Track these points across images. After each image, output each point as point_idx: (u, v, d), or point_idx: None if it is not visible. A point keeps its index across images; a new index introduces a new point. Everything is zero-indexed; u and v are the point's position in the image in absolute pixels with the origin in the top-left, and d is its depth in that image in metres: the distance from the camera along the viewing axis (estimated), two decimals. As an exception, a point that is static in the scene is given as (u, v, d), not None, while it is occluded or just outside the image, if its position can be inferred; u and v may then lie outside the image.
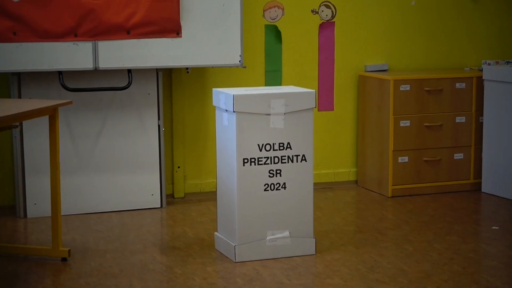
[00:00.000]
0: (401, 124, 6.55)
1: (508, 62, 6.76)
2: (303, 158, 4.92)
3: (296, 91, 5.07)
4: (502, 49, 7.28)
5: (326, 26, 6.91)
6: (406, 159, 6.63)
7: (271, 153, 4.83)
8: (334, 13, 6.86)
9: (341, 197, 6.75)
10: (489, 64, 6.73)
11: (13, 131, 5.83)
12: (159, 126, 6.20)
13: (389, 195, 6.63)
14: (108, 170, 6.14)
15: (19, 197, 5.98)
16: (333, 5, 6.83)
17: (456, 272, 4.68)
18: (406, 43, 7.15)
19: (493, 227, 5.74)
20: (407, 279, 4.50)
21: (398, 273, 4.61)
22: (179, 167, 6.55)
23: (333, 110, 7.03)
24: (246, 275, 4.62)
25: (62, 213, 4.98)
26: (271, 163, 4.85)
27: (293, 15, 6.73)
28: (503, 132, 6.38)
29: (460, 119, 6.71)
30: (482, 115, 6.69)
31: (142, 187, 6.22)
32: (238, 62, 6.17)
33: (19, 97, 5.83)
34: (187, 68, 6.29)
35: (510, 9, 7.23)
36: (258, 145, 4.79)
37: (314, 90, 4.99)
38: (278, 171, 4.87)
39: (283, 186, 4.92)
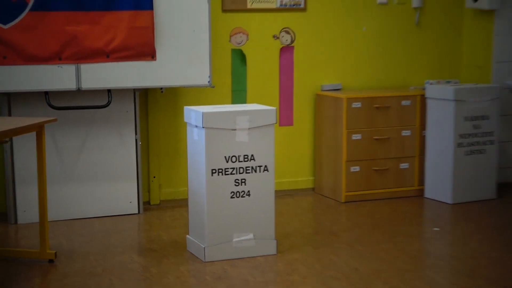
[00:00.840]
0: (353, 138, 6.62)
1: (448, 82, 6.86)
2: (265, 169, 5.01)
3: (259, 108, 5.15)
4: (443, 70, 7.34)
5: (286, 50, 6.93)
6: (357, 168, 6.67)
7: (237, 164, 4.91)
8: (293, 39, 6.89)
9: (299, 203, 6.78)
10: (431, 83, 6.85)
11: (4, 146, 5.87)
12: (136, 140, 6.25)
13: (343, 200, 6.65)
14: (90, 180, 6.17)
15: (10, 205, 6.01)
16: (292, 31, 6.86)
17: (402, 269, 4.77)
18: (358, 65, 7.17)
19: (434, 229, 5.89)
20: (358, 276, 4.62)
21: (351, 271, 4.71)
22: (154, 177, 6.59)
23: (292, 125, 7.04)
24: (215, 274, 4.70)
25: (49, 219, 5.03)
26: (236, 173, 4.92)
27: (256, 40, 6.77)
28: (443, 144, 6.51)
29: (405, 133, 6.79)
30: (424, 129, 6.77)
31: (121, 195, 6.25)
32: (207, 83, 6.18)
33: (9, 115, 5.87)
34: (161, 88, 6.28)
35: (449, 34, 7.29)
36: (225, 157, 4.86)
37: (275, 108, 5.07)
38: (243, 180, 4.94)
39: (248, 193, 4.98)
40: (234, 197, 4.95)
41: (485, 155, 6.56)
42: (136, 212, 6.29)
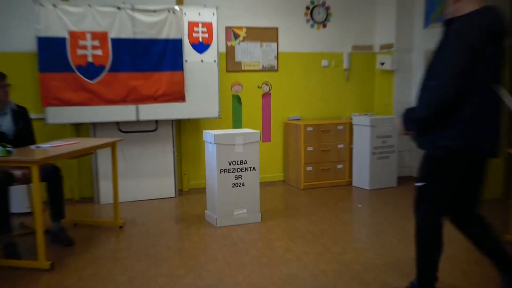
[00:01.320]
0: (308, 149, 6.68)
1: (366, 114, 6.97)
2: (253, 169, 5.11)
3: (249, 131, 5.18)
4: (363, 107, 7.45)
5: (266, 95, 6.98)
6: (311, 168, 6.73)
7: (236, 166, 5.01)
8: (270, 88, 6.96)
9: (275, 190, 6.77)
10: (355, 115, 6.93)
11: (92, 155, 5.92)
12: (173, 151, 6.30)
13: (302, 188, 6.68)
14: (145, 176, 6.19)
15: (95, 192, 6.08)
16: (269, 83, 6.94)
17: (338, 230, 4.91)
18: (310, 104, 7.20)
19: (359, 205, 6.03)
20: (312, 235, 4.75)
21: (307, 232, 4.84)
22: (185, 174, 6.64)
23: (270, 141, 7.09)
24: (222, 234, 4.81)
25: (119, 201, 5.10)
26: (235, 172, 5.02)
27: (247, 89, 6.84)
28: (364, 153, 6.60)
29: (340, 146, 6.87)
30: (352, 143, 6.86)
31: (164, 185, 6.27)
32: (217, 115, 6.24)
33: (95, 136, 5.91)
34: (188, 119, 6.34)
35: (366, 84, 7.39)
36: (228, 161, 4.97)
37: (259, 131, 5.19)
38: (239, 176, 5.03)
39: (242, 184, 5.08)
40: (234, 187, 5.05)
41: (389, 159, 6.70)
42: (174, 196, 6.30)
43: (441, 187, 3.01)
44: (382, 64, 7.07)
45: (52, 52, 5.48)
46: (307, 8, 7.00)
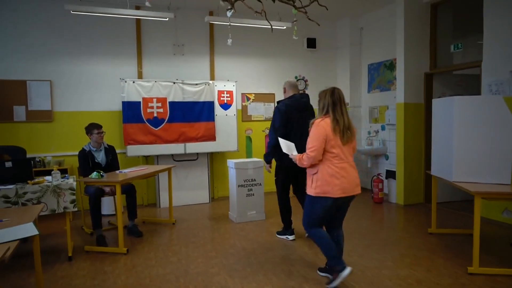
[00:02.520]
0: None
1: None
2: (260, 184, 4.99)
3: (256, 160, 5.08)
4: None
5: (268, 136, 6.82)
6: None
7: (248, 183, 4.91)
8: None
9: (274, 198, 6.50)
10: None
11: (155, 177, 5.81)
12: (208, 173, 6.16)
13: (291, 196, 6.45)
14: (190, 189, 6.05)
15: (157, 199, 5.95)
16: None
17: None
18: None
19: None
20: (298, 227, 4.49)
21: (296, 226, 4.57)
22: (215, 187, 6.47)
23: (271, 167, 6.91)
24: (240, 228, 4.67)
25: (173, 205, 5.02)
26: (248, 186, 4.91)
27: (255, 132, 6.71)
28: None
29: None
30: None
31: (202, 194, 6.12)
32: (236, 149, 6.15)
33: (157, 164, 5.84)
34: (218, 152, 6.21)
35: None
36: (243, 180, 4.87)
37: (262, 160, 4.95)
38: (251, 189, 4.91)
39: (253, 194, 4.95)
40: (247, 196, 4.93)
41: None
42: (208, 202, 6.15)
43: (282, 178, 4.06)
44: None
45: (131, 111, 5.51)
46: (293, 80, 6.93)
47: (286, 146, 3.07)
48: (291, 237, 4.13)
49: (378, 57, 6.58)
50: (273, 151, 3.89)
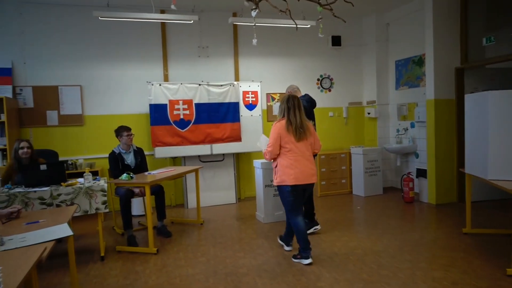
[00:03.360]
0: (322, 170, 6.45)
1: (359, 146, 6.72)
2: None
3: None
4: (357, 141, 7.14)
5: None
6: (324, 182, 6.50)
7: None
8: None
9: None
10: (352, 147, 6.66)
11: (183, 178, 5.84)
12: (234, 173, 6.17)
13: (319, 196, 6.40)
14: (217, 189, 6.07)
15: (185, 200, 6.00)
16: None
17: (345, 225, 4.58)
18: (323, 140, 6.94)
19: (358, 207, 5.67)
20: (326, 226, 4.46)
21: (323, 225, 4.54)
22: (241, 187, 6.47)
23: None
24: (267, 228, 4.67)
25: (201, 206, 5.05)
26: (275, 186, 4.79)
27: None
28: (359, 172, 6.27)
29: (343, 167, 6.58)
30: (351, 166, 6.57)
31: (229, 195, 6.13)
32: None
33: (185, 165, 5.86)
34: (244, 152, 6.20)
35: (358, 126, 7.15)
36: (270, 180, 4.84)
37: None
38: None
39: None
40: (274, 196, 4.91)
41: (376, 176, 6.40)
42: (235, 202, 6.16)
43: None
44: (369, 113, 6.88)
45: (158, 113, 5.58)
46: (318, 79, 6.93)
47: (264, 141, 3.56)
48: (319, 227, 4.31)
49: (406, 53, 6.42)
50: None
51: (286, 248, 3.79)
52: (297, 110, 3.35)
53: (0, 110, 4.98)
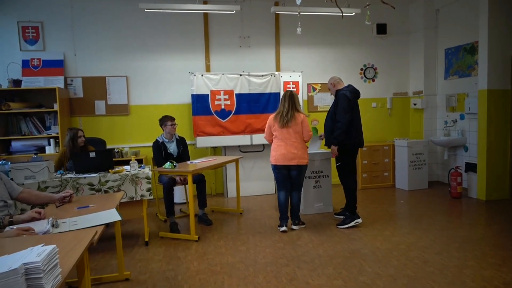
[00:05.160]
0: (363, 162, 6.32)
1: (404, 138, 6.53)
2: (327, 176, 4.87)
3: (324, 152, 4.95)
4: (402, 133, 6.92)
5: None
6: (366, 175, 6.34)
7: (315, 174, 4.79)
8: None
9: (342, 190, 6.38)
10: (396, 139, 6.48)
11: (224, 167, 5.94)
12: None
13: (360, 188, 6.23)
14: (256, 179, 6.08)
15: (226, 189, 6.02)
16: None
17: (388, 219, 4.48)
18: (365, 131, 6.67)
19: (401, 201, 5.51)
20: (368, 220, 4.38)
21: (365, 219, 4.46)
22: None
23: None
24: (307, 219, 4.62)
25: (240, 195, 5.11)
26: (315, 178, 4.80)
27: (322, 123, 6.50)
28: (403, 164, 6.10)
29: (386, 160, 6.40)
30: (395, 158, 6.37)
31: (268, 185, 6.12)
32: None
33: (225, 155, 5.91)
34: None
35: (403, 119, 6.94)
36: (311, 171, 4.75)
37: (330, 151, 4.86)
38: (318, 181, 4.80)
39: (320, 186, 4.89)
40: (315, 188, 4.89)
41: (422, 169, 6.16)
42: (274, 193, 6.13)
43: (347, 160, 4.25)
44: (415, 104, 6.62)
45: (200, 103, 5.66)
46: (361, 69, 6.75)
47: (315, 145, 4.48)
48: (360, 220, 4.25)
49: (457, 41, 6.10)
50: (343, 135, 4.15)
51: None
52: (287, 101, 3.99)
53: (53, 99, 5.26)
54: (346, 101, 4.11)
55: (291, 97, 4.03)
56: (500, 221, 4.32)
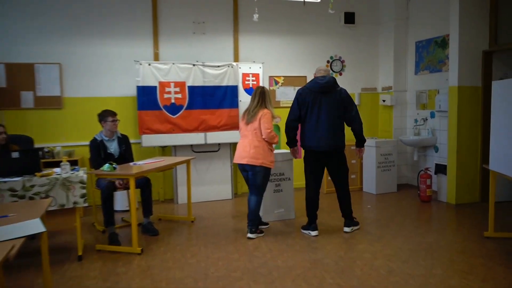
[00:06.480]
0: None
1: (372, 138, 6.66)
2: (289, 179, 5.01)
3: (285, 152, 5.02)
4: (371, 132, 7.08)
5: None
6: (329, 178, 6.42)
7: (276, 177, 4.90)
8: None
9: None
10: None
11: (173, 169, 5.88)
12: (230, 166, 6.17)
13: (325, 192, 6.22)
14: (211, 183, 6.08)
15: (175, 195, 6.03)
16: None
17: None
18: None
19: (368, 206, 5.69)
20: (332, 228, 4.46)
21: (329, 227, 4.55)
22: (238, 181, 6.47)
23: (301, 157, 6.81)
24: (269, 226, 4.55)
25: (192, 201, 5.10)
26: (276, 181, 4.90)
27: (284, 121, 6.61)
28: (371, 166, 6.24)
29: (353, 161, 6.53)
30: (362, 159, 6.46)
31: (224, 190, 6.15)
32: None
33: (175, 155, 5.88)
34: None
35: (372, 116, 7.11)
36: (271, 173, 4.69)
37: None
38: (279, 184, 4.89)
39: (281, 190, 4.95)
40: (275, 192, 4.94)
41: (390, 171, 6.38)
42: (231, 198, 6.17)
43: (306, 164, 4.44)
44: (384, 101, 6.85)
45: (147, 96, 5.58)
46: (328, 61, 6.89)
47: None
48: (313, 233, 4.27)
49: (428, 33, 6.37)
50: (288, 134, 4.37)
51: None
52: (257, 98, 4.20)
53: (-32, 89, 4.95)
54: (294, 100, 4.30)
55: (262, 93, 4.19)
56: (469, 226, 4.55)
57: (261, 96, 4.19)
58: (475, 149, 5.62)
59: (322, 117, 4.14)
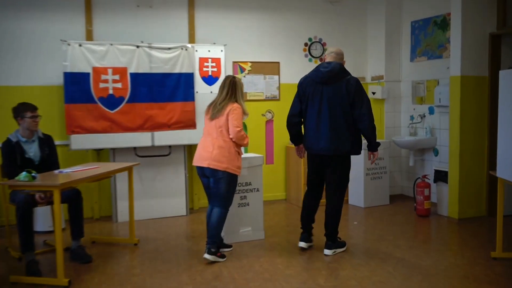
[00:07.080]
0: (307, 170, 6.42)
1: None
2: (257, 190, 5.02)
3: (253, 156, 5.07)
4: None
5: (269, 122, 6.85)
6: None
7: (241, 188, 4.90)
8: (273, 116, 6.83)
9: (277, 208, 6.48)
10: None
11: (112, 178, 5.84)
12: (185, 174, 6.18)
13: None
14: (158, 196, 6.05)
15: (114, 211, 5.98)
16: (272, 111, 6.82)
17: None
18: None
19: (355, 223, 5.77)
20: (311, 251, 4.57)
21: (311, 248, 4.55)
22: (195, 194, 6.47)
23: (273, 163, 6.92)
24: (229, 251, 4.59)
25: (136, 219, 5.07)
26: (241, 193, 4.91)
27: (252, 117, 6.51)
28: (358, 174, 6.33)
29: None
30: None
31: (177, 204, 6.14)
32: None
33: (114, 161, 5.84)
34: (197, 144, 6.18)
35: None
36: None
37: (262, 155, 5.11)
38: (245, 196, 4.93)
39: (247, 204, 4.95)
40: (240, 206, 4.93)
41: (382, 180, 6.51)
42: (185, 214, 6.16)
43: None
44: (374, 93, 6.94)
45: (77, 86, 5.48)
46: (305, 44, 6.96)
47: None
48: (300, 244, 4.51)
49: (426, 12, 6.53)
50: (289, 130, 4.62)
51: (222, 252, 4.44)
52: (226, 89, 4.23)
53: None
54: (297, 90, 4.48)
55: (232, 84, 4.23)
56: (474, 245, 4.67)
57: (231, 87, 4.20)
58: (482, 152, 5.79)
59: (324, 113, 4.14)
